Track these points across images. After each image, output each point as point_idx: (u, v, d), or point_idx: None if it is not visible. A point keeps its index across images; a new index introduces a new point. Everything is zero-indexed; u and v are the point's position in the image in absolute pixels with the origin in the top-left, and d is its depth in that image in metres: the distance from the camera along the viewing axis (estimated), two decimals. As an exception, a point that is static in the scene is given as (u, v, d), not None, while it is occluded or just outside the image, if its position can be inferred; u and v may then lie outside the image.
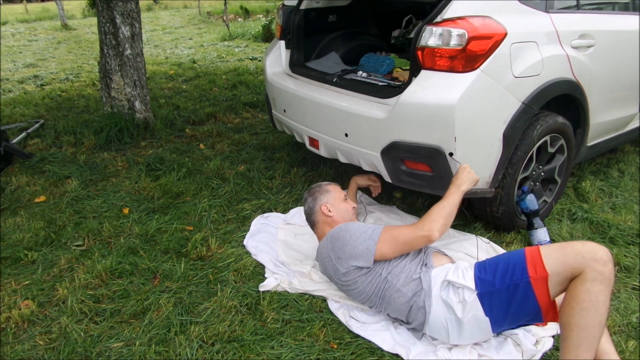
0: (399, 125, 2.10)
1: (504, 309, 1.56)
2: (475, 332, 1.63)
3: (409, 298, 1.71)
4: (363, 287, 1.79)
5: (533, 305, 1.52)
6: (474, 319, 1.59)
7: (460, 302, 1.61)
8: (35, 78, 6.29)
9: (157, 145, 3.67)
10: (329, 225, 2.01)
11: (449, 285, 1.66)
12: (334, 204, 2.05)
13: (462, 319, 1.61)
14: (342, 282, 1.84)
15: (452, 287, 1.65)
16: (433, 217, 1.77)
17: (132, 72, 3.80)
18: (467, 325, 1.61)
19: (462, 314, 1.61)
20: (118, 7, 3.61)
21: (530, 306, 1.53)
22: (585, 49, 2.37)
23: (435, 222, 1.74)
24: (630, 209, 2.68)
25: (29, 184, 3.02)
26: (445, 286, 1.66)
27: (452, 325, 1.64)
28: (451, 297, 1.63)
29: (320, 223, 2.05)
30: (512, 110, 2.09)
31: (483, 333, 1.63)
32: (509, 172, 2.22)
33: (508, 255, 1.66)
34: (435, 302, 1.66)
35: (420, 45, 2.02)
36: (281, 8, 2.98)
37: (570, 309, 1.42)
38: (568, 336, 1.43)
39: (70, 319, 1.89)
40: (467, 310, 1.60)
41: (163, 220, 2.58)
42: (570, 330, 1.42)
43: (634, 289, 2.06)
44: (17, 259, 2.26)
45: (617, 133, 2.97)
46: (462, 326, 1.62)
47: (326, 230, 1.99)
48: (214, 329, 1.82)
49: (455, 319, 1.62)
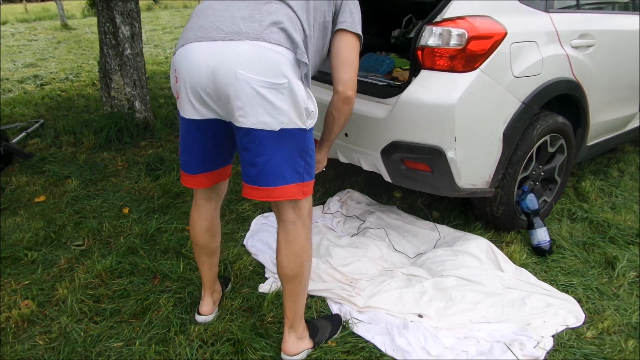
0: (399, 125, 2.10)
1: None
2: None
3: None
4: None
5: None
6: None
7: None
8: (35, 78, 6.29)
9: (157, 145, 3.67)
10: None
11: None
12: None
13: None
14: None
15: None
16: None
17: (132, 71, 3.80)
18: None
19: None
20: (118, 7, 3.61)
21: None
22: (585, 49, 2.37)
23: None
24: (630, 209, 2.68)
25: (29, 184, 3.02)
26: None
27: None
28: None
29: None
30: (512, 110, 2.09)
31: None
32: (509, 172, 2.22)
33: None
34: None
35: (420, 45, 2.01)
36: (281, 8, 2.97)
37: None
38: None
39: (70, 318, 1.89)
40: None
41: (163, 220, 2.58)
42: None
43: (634, 288, 2.07)
44: (17, 258, 2.26)
45: (617, 133, 2.97)
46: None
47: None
48: (213, 328, 1.82)
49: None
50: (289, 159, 1.46)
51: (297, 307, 1.65)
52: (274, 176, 1.45)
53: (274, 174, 1.45)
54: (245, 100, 1.37)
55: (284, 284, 1.62)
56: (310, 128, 1.50)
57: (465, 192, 2.13)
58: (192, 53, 1.42)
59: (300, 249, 1.56)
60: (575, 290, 2.04)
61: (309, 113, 1.47)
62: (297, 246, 1.56)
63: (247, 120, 1.39)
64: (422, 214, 2.64)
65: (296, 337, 1.67)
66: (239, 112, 1.38)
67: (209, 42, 1.40)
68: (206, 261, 1.82)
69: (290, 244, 1.56)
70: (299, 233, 1.55)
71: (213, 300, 1.90)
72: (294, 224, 1.55)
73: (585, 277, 2.13)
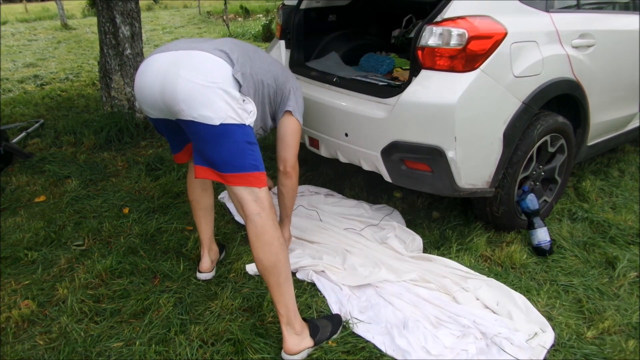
0: (399, 125, 2.10)
1: None
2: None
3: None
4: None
5: None
6: None
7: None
8: (35, 78, 6.28)
9: (157, 145, 3.67)
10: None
11: None
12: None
13: None
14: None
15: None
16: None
17: (132, 71, 3.79)
18: None
19: None
20: (118, 7, 3.61)
21: None
22: (586, 49, 2.37)
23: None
24: (630, 209, 2.68)
25: (29, 184, 3.02)
26: None
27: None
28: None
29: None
30: (512, 109, 2.09)
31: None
32: (509, 172, 2.22)
33: None
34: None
35: (421, 45, 2.01)
36: (281, 8, 2.98)
37: None
38: None
39: (70, 318, 1.89)
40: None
41: (163, 220, 2.58)
42: None
43: (634, 289, 2.07)
44: (17, 258, 2.26)
45: (617, 133, 2.96)
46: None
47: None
48: (213, 328, 1.82)
49: None
50: (238, 151, 1.60)
51: (286, 300, 1.66)
52: (231, 164, 1.61)
53: (229, 162, 1.61)
54: (184, 94, 1.55)
55: (266, 278, 1.65)
56: (251, 125, 1.66)
57: (465, 192, 2.13)
58: (150, 63, 1.68)
59: (271, 238, 1.62)
60: (576, 291, 2.04)
61: (248, 112, 1.65)
62: (268, 235, 1.62)
63: (188, 113, 1.55)
64: (422, 214, 2.64)
65: (295, 334, 1.68)
66: (182, 105, 1.55)
67: (166, 52, 1.68)
68: (202, 216, 2.10)
69: (261, 235, 1.62)
70: (266, 223, 1.63)
71: (211, 259, 2.14)
72: (259, 215, 1.63)
73: (585, 277, 2.13)
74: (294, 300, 1.69)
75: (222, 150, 1.59)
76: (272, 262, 1.62)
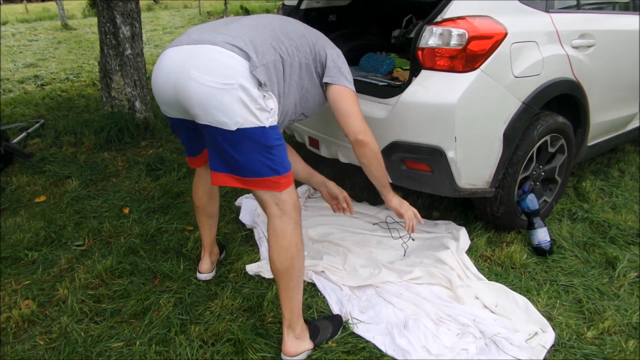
0: (399, 125, 2.10)
1: None
2: None
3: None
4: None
5: None
6: None
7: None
8: (35, 78, 6.29)
9: (158, 145, 3.67)
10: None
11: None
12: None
13: None
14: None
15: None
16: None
17: (133, 72, 3.80)
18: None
19: None
20: (118, 7, 3.61)
21: None
22: (586, 49, 2.37)
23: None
24: (630, 209, 2.68)
25: (29, 184, 3.02)
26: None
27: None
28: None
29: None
30: (512, 110, 2.09)
31: None
32: (509, 172, 2.22)
33: None
34: None
35: (421, 45, 2.01)
36: (281, 8, 2.98)
37: None
38: None
39: (71, 318, 1.89)
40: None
41: (163, 220, 2.58)
42: None
43: (634, 289, 2.06)
44: (17, 258, 2.26)
45: (618, 133, 2.97)
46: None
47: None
48: (214, 328, 1.82)
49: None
50: (256, 156, 1.53)
51: (292, 305, 1.66)
52: (249, 169, 1.54)
53: (246, 167, 1.54)
54: (198, 99, 1.47)
55: (277, 280, 1.65)
56: (273, 125, 1.54)
57: (465, 192, 2.13)
58: (162, 59, 1.61)
59: (288, 243, 1.60)
60: (576, 291, 2.04)
61: (269, 110, 1.52)
62: (285, 240, 1.59)
63: (204, 118, 1.49)
64: (422, 214, 2.64)
65: (294, 337, 1.68)
66: (196, 110, 1.49)
67: (177, 47, 1.58)
68: (206, 222, 2.07)
69: (279, 239, 1.60)
70: (286, 227, 1.59)
71: (211, 260, 2.13)
72: (281, 218, 1.60)
73: (585, 277, 2.13)
74: (299, 306, 1.69)
75: (239, 155, 1.52)
76: (286, 267, 1.61)
